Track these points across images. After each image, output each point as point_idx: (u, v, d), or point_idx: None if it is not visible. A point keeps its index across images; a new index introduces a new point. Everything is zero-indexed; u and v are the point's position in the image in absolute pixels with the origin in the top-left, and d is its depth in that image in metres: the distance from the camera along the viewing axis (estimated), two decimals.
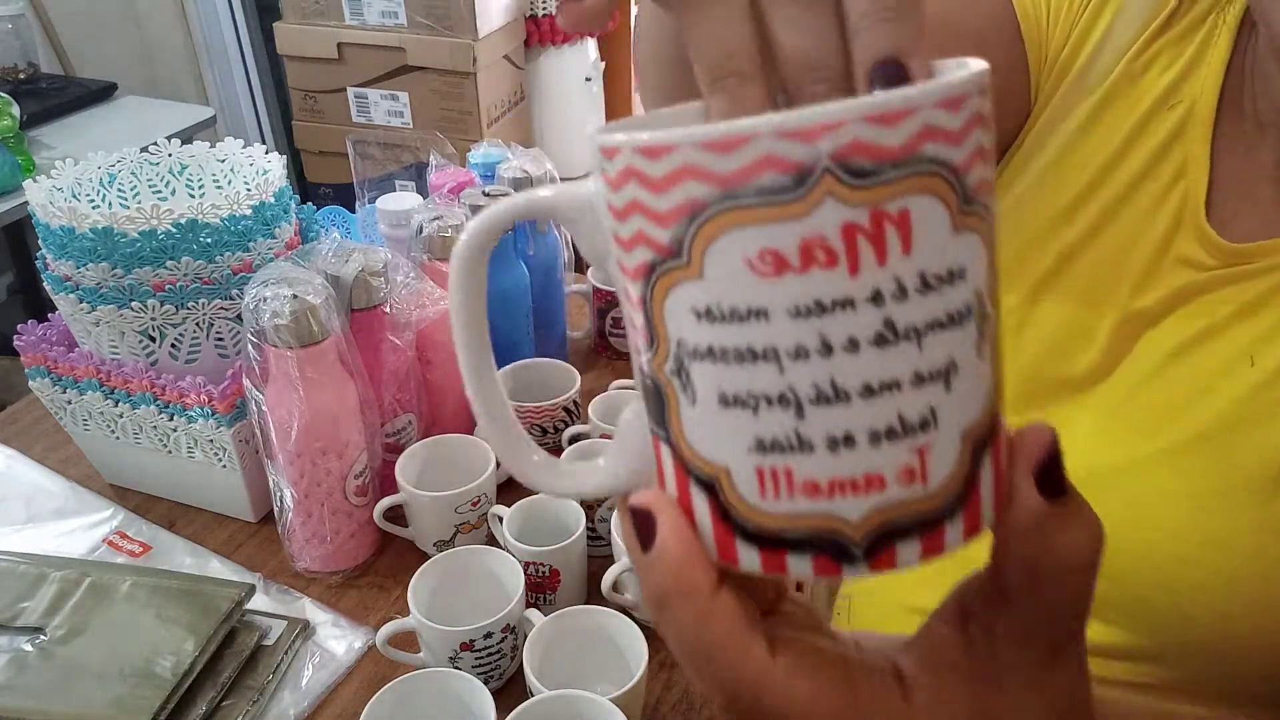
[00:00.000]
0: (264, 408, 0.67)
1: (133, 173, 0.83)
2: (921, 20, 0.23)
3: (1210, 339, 0.47)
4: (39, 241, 0.73)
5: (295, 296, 0.64)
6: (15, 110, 1.68)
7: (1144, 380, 0.50)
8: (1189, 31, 0.50)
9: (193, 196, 0.85)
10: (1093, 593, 0.25)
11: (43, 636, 0.66)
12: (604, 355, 1.04)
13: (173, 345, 0.74)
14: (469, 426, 0.83)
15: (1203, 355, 0.48)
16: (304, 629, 0.70)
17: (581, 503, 0.73)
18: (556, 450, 0.81)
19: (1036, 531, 0.24)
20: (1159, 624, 0.48)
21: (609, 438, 0.78)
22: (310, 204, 0.88)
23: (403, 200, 0.90)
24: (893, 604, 0.64)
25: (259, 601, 0.72)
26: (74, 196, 0.78)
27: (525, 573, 0.66)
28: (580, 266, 1.06)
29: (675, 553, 0.25)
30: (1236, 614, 0.46)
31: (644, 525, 0.25)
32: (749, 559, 0.24)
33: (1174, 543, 0.47)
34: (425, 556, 0.69)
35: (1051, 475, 0.25)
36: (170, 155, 0.83)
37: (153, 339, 0.73)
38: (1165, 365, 0.49)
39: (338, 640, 0.70)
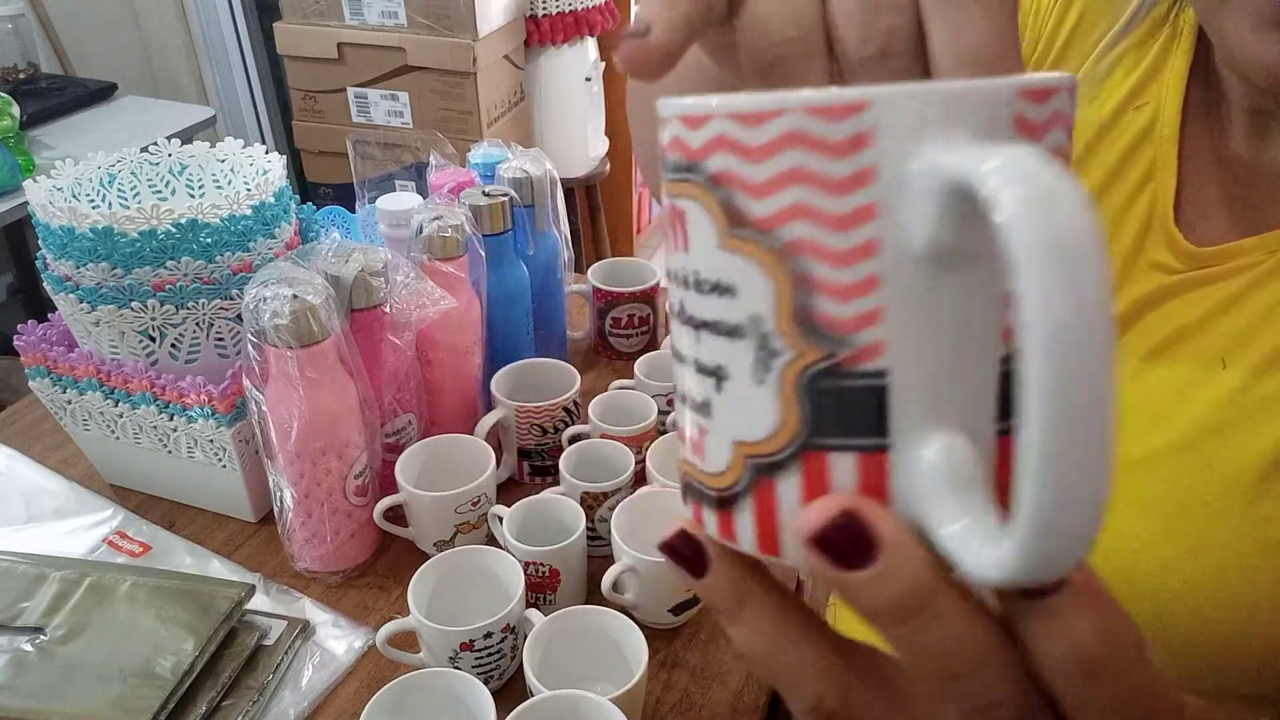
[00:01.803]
0: (264, 408, 0.67)
1: (133, 173, 0.83)
2: None
3: (1183, 342, 0.47)
4: (39, 241, 0.73)
5: (295, 296, 0.64)
6: (15, 110, 1.67)
7: (1120, 386, 0.50)
8: (1150, 34, 0.51)
9: (193, 196, 0.85)
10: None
11: (43, 636, 0.66)
12: (604, 355, 1.04)
13: (173, 345, 0.74)
14: (469, 426, 0.83)
15: (1176, 359, 0.48)
16: (304, 629, 0.70)
17: (581, 502, 0.73)
18: (556, 450, 0.81)
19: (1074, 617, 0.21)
20: (1143, 629, 0.48)
21: (609, 438, 0.78)
22: (310, 204, 0.88)
23: (403, 200, 0.90)
24: None
25: (259, 601, 0.72)
26: (74, 196, 0.78)
27: (525, 573, 0.66)
28: (580, 266, 1.06)
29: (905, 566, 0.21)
30: (1221, 618, 0.45)
31: (855, 535, 0.21)
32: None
33: (1156, 550, 0.46)
34: (425, 556, 0.69)
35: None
36: (170, 155, 0.83)
37: (153, 339, 0.73)
38: (1140, 371, 0.49)
39: (338, 640, 0.70)
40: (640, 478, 0.78)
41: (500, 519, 0.71)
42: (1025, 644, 0.22)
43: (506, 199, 0.85)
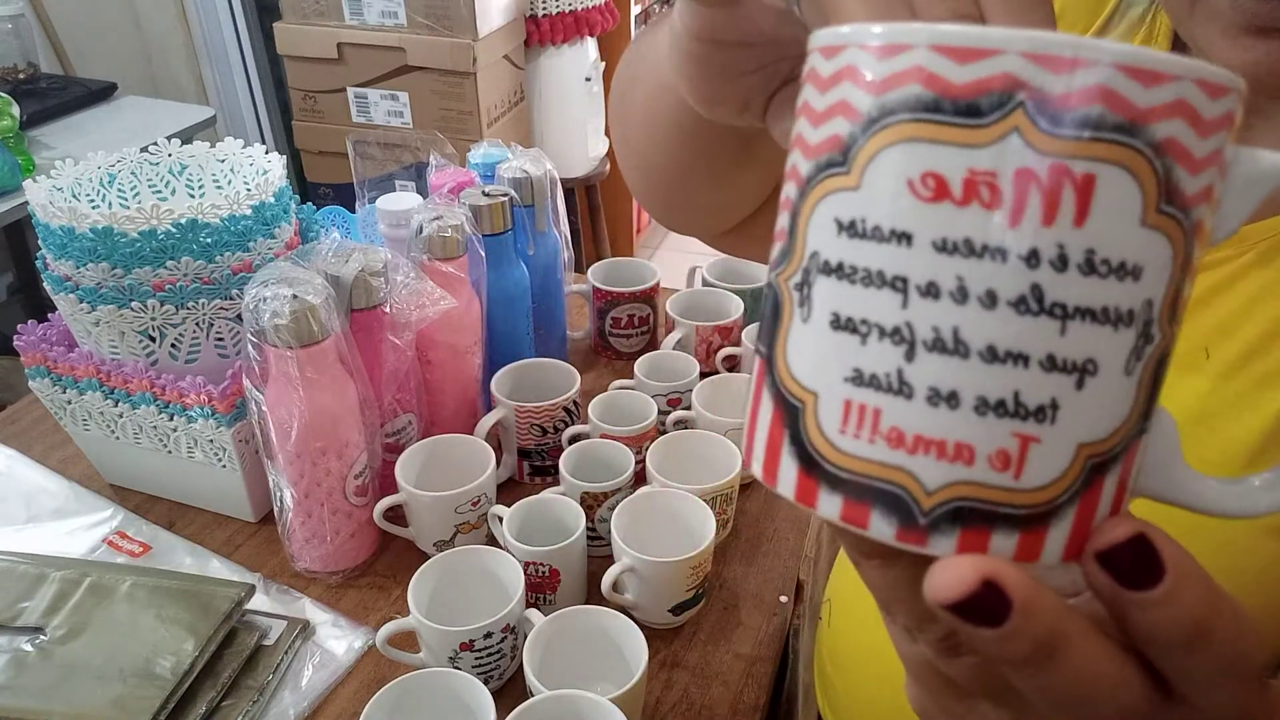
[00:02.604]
0: (264, 408, 0.67)
1: (133, 173, 0.83)
2: None
3: None
4: (39, 241, 0.73)
5: (295, 296, 0.64)
6: (15, 110, 1.67)
7: None
8: (1127, 36, 0.51)
9: (193, 196, 0.85)
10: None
11: (43, 636, 0.66)
12: (604, 355, 1.04)
13: (173, 345, 0.74)
14: (469, 426, 0.83)
15: None
16: (304, 629, 0.70)
17: (582, 502, 0.73)
18: (556, 450, 0.81)
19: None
20: None
21: (609, 438, 0.78)
22: (310, 204, 0.88)
23: (403, 200, 0.90)
24: (869, 610, 0.64)
25: (259, 601, 0.72)
26: (74, 196, 0.78)
27: (525, 573, 0.66)
28: (580, 266, 1.06)
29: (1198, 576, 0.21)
30: None
31: (1146, 556, 0.21)
32: (829, 505, 0.22)
33: None
34: (425, 556, 0.69)
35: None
36: (170, 155, 0.83)
37: (153, 339, 0.73)
38: None
39: (338, 640, 0.70)
40: (640, 478, 0.78)
41: (500, 519, 0.71)
42: (1133, 632, 0.22)
43: (506, 199, 0.85)
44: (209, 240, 0.71)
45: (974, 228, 0.20)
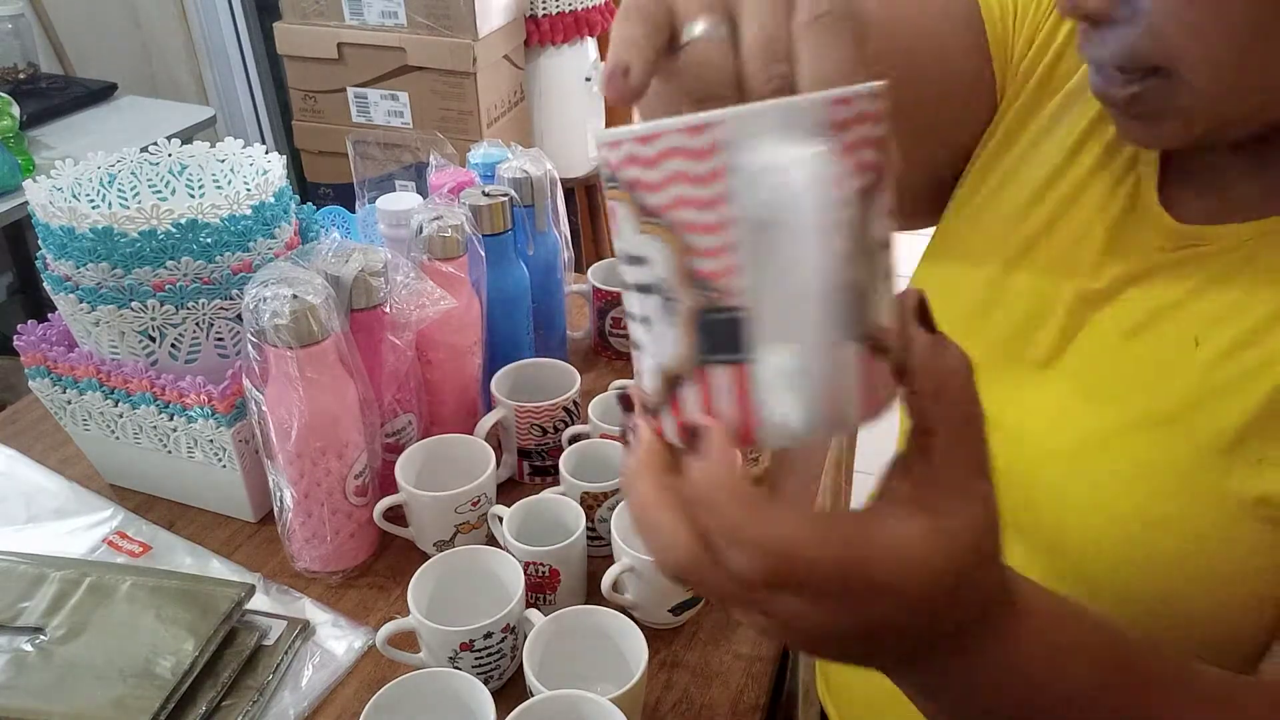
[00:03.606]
0: (264, 408, 0.67)
1: (133, 173, 0.83)
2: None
3: (1160, 320, 0.50)
4: (39, 241, 0.73)
5: (295, 296, 0.64)
6: (15, 110, 1.67)
7: (1098, 360, 0.52)
8: None
9: (193, 196, 0.85)
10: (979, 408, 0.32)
11: (43, 636, 0.66)
12: (604, 355, 1.04)
13: (173, 345, 0.74)
14: (469, 426, 0.83)
15: (1154, 336, 0.50)
16: (304, 629, 0.70)
17: (582, 502, 0.73)
18: (556, 450, 0.81)
19: (932, 352, 0.32)
20: (1104, 599, 0.50)
21: (609, 438, 0.78)
22: (310, 204, 0.88)
23: (403, 200, 0.90)
24: None
25: (259, 601, 0.72)
26: (74, 196, 0.78)
27: (525, 573, 0.66)
28: (580, 266, 1.06)
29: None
30: (1179, 592, 0.48)
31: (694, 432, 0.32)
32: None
33: (1122, 524, 0.49)
34: (425, 556, 0.69)
35: (927, 317, 0.32)
36: (170, 155, 0.83)
37: (153, 339, 0.73)
38: (1118, 346, 0.51)
39: (338, 640, 0.70)
40: None
41: (500, 519, 0.71)
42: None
43: (506, 199, 0.85)
44: (209, 240, 0.71)
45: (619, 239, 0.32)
